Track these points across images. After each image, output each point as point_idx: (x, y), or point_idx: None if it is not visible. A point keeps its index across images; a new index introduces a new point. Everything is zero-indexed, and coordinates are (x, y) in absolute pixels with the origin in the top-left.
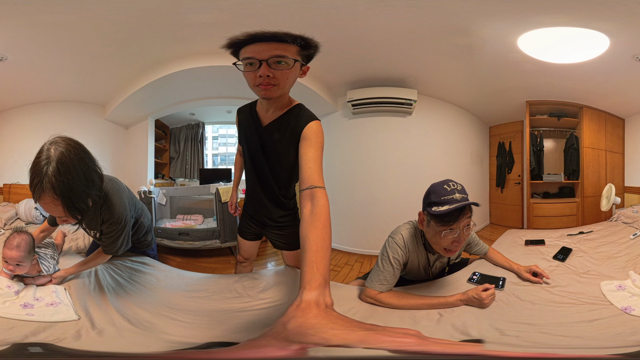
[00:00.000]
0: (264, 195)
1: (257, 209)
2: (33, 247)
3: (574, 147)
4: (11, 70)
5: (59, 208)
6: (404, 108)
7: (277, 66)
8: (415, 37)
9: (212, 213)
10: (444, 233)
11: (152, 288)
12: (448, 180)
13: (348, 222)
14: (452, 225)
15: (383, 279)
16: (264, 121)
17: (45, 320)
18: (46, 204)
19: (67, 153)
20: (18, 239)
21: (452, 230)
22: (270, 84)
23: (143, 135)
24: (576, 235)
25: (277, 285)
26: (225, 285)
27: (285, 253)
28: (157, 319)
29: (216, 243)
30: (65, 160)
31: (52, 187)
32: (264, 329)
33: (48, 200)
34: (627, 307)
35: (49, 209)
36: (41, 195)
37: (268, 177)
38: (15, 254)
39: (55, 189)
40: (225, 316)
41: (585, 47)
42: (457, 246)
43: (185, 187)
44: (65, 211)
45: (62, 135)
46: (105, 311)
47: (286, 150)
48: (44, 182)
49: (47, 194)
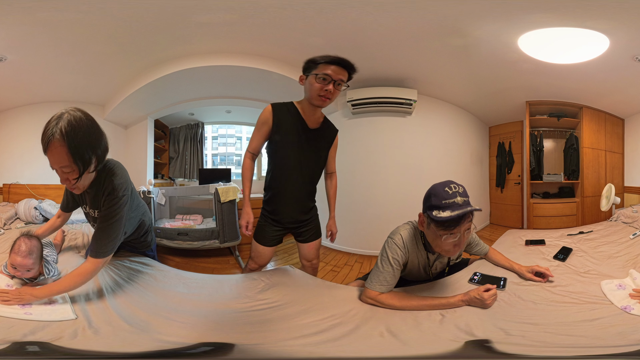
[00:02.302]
0: (303, 189)
1: (292, 206)
2: (42, 252)
3: (574, 147)
4: (11, 70)
5: (64, 156)
6: (403, 108)
7: (338, 87)
8: (415, 37)
9: (211, 213)
10: (445, 237)
11: (150, 288)
12: (449, 182)
13: (348, 222)
14: (453, 230)
15: (383, 280)
16: (310, 125)
17: (44, 320)
18: (53, 154)
19: (77, 113)
20: (29, 245)
21: (452, 235)
22: (328, 97)
23: (142, 135)
24: (576, 235)
25: (276, 286)
26: (224, 285)
27: (306, 245)
28: (154, 319)
29: (215, 243)
30: (76, 116)
31: (60, 133)
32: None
33: (56, 147)
34: (627, 307)
35: (55, 159)
36: (49, 143)
37: (310, 171)
38: (27, 261)
39: (63, 135)
40: (223, 317)
41: (585, 47)
42: (457, 249)
43: (185, 187)
44: (70, 158)
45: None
46: (102, 311)
47: (324, 150)
48: (54, 130)
49: (56, 139)
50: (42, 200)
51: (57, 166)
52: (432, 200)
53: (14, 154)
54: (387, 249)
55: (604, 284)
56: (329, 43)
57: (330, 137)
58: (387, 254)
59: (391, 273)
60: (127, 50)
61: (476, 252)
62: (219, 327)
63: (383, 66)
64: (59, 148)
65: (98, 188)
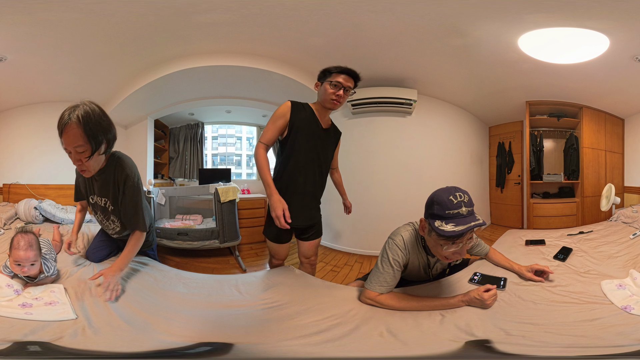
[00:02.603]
0: (318, 184)
1: (307, 202)
2: (40, 246)
3: (574, 147)
4: (11, 70)
5: (79, 137)
6: (403, 108)
7: (347, 93)
8: (415, 37)
9: (211, 213)
10: (446, 247)
11: (150, 288)
12: (454, 189)
13: (348, 223)
14: (455, 241)
15: (383, 281)
16: (323, 125)
17: (44, 320)
18: (69, 135)
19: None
20: (27, 239)
21: (455, 244)
22: (339, 102)
23: (142, 135)
24: (576, 235)
25: (276, 286)
26: (223, 285)
27: (307, 243)
28: (154, 319)
29: (215, 243)
30: (90, 106)
31: (76, 117)
32: (261, 329)
33: (72, 128)
34: (627, 307)
35: (70, 139)
36: (66, 126)
37: (325, 164)
38: (30, 254)
39: (79, 118)
40: (223, 317)
41: (585, 47)
42: (457, 257)
43: (185, 187)
44: (84, 138)
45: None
46: (102, 311)
47: (333, 148)
48: (71, 115)
49: (72, 122)
50: (42, 200)
51: (72, 146)
52: (435, 209)
53: (14, 154)
54: (388, 250)
55: (604, 283)
56: (330, 43)
57: (337, 137)
58: (388, 255)
59: (391, 274)
60: (127, 50)
61: (477, 253)
62: (219, 327)
63: (383, 66)
64: (74, 129)
65: (108, 176)
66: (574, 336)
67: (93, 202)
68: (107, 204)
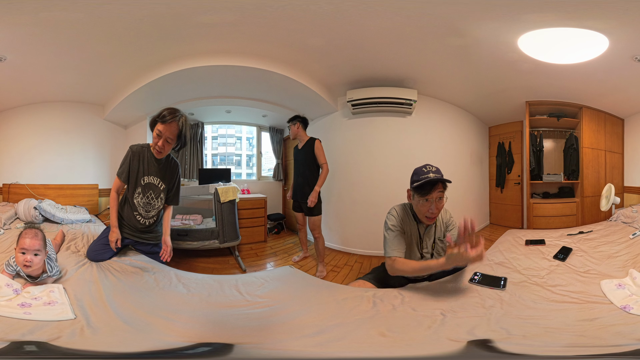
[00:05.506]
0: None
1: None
2: (46, 240)
3: (574, 147)
4: (11, 70)
5: (175, 132)
6: (403, 108)
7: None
8: (415, 37)
9: (211, 213)
10: (422, 202)
11: (149, 288)
12: (427, 164)
13: (348, 223)
14: (427, 197)
15: (391, 244)
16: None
17: (43, 319)
18: (171, 126)
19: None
20: (35, 230)
21: (427, 201)
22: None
23: (142, 135)
24: (576, 235)
25: (276, 286)
26: (223, 286)
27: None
28: (153, 319)
29: (215, 243)
30: (187, 117)
31: (183, 119)
32: (261, 329)
33: (173, 125)
34: (626, 306)
35: (170, 131)
36: (172, 121)
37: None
38: (36, 242)
39: (184, 121)
40: (223, 317)
41: (584, 47)
42: (433, 212)
43: (185, 187)
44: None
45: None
46: (101, 311)
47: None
48: (181, 115)
49: (175, 122)
50: (42, 200)
51: (166, 135)
52: (413, 177)
53: (14, 154)
54: (386, 220)
55: (604, 283)
56: (330, 43)
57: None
58: (387, 224)
59: (394, 235)
60: (127, 50)
61: (452, 234)
62: (219, 327)
63: (383, 66)
64: (175, 127)
65: (167, 163)
66: (573, 335)
67: (146, 182)
68: (160, 183)
